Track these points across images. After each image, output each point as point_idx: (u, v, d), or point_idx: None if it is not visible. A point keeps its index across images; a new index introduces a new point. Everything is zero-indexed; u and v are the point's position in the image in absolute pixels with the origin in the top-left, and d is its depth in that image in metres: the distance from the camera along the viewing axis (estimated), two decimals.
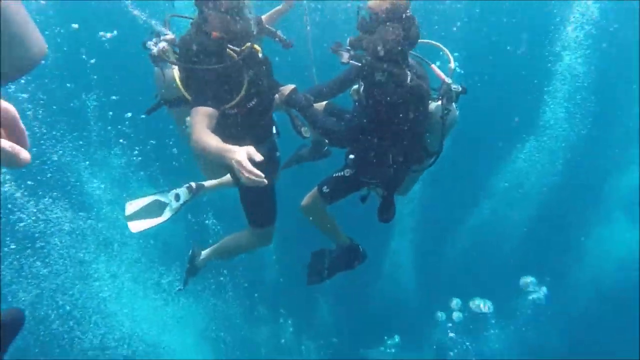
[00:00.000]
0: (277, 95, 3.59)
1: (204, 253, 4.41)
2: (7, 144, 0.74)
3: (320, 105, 3.98)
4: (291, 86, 3.60)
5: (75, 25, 7.06)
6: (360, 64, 3.33)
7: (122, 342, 7.60)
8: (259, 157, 2.57)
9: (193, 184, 4.37)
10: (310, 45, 3.88)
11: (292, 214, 4.21)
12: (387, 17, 3.20)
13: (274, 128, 3.81)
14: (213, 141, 2.86)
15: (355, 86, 3.67)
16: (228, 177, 4.11)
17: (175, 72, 3.25)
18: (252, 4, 3.28)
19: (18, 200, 6.72)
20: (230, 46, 3.13)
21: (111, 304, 7.55)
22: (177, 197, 4.31)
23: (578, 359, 8.43)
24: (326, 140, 4.06)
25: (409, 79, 3.25)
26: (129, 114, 7.19)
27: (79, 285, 7.24)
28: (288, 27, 3.90)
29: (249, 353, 8.89)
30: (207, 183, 4.44)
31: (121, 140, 7.81)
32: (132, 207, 4.18)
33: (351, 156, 3.76)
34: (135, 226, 4.11)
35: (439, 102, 3.50)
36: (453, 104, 3.52)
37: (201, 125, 2.98)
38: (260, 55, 3.34)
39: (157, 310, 8.05)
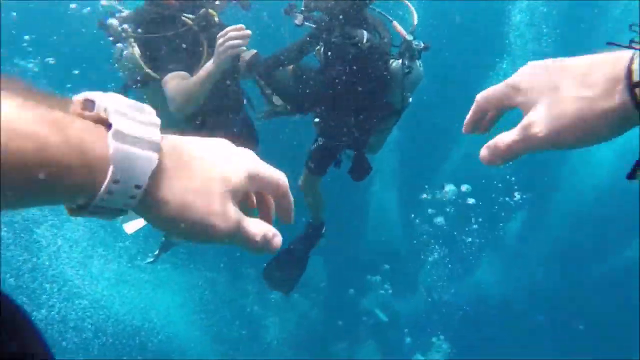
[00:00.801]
0: (240, 61, 3.48)
1: None
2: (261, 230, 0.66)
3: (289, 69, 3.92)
4: (253, 51, 3.49)
5: None
6: (314, 26, 3.29)
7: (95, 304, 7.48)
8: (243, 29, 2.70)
9: None
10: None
11: None
12: None
13: (245, 99, 3.78)
14: (190, 79, 2.91)
15: (318, 47, 3.62)
16: None
17: (135, 50, 3.15)
18: None
19: None
20: (185, 14, 3.11)
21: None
22: None
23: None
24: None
25: (365, 38, 3.20)
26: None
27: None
28: None
29: (236, 310, 8.91)
30: None
31: None
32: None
33: (316, 119, 3.78)
34: (129, 227, 3.99)
35: (400, 60, 3.45)
36: (416, 61, 3.46)
37: (176, 82, 2.97)
38: (216, 19, 3.25)
39: (132, 273, 7.93)
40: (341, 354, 9.05)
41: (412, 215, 8.78)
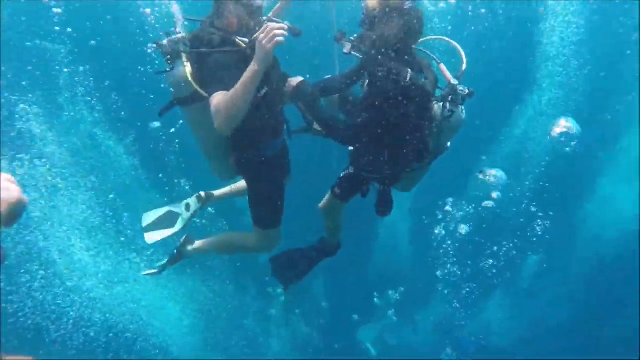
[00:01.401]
0: (286, 86, 3.60)
1: (198, 242, 4.31)
2: None
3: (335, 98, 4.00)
4: (299, 78, 3.62)
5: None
6: (361, 56, 3.37)
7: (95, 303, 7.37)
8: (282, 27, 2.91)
9: (202, 193, 4.42)
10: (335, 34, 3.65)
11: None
12: (384, 14, 3.28)
13: (285, 126, 3.83)
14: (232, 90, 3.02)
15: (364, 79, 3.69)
16: (238, 185, 4.38)
17: (187, 68, 3.28)
18: (264, 5, 3.42)
19: None
20: (239, 37, 3.21)
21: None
22: (188, 206, 4.38)
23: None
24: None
25: (408, 76, 3.24)
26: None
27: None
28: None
29: (234, 323, 8.90)
30: (217, 192, 4.51)
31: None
32: (148, 218, 4.34)
33: (350, 148, 3.85)
34: (151, 237, 4.25)
35: (442, 103, 3.50)
36: (459, 106, 3.49)
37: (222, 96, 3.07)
38: None
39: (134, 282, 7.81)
40: None
41: (424, 241, 8.59)
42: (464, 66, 3.53)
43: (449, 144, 3.72)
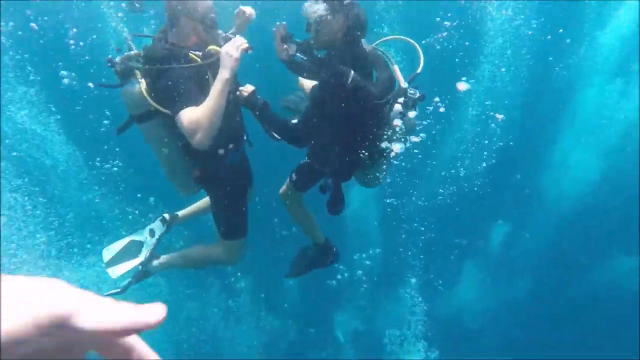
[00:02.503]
0: (237, 94, 3.66)
1: (163, 257, 4.28)
2: None
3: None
4: (251, 88, 3.68)
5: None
6: (304, 58, 3.49)
7: None
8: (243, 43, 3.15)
9: (166, 215, 4.40)
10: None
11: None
12: (326, 14, 3.32)
13: (245, 135, 3.93)
14: (205, 101, 3.13)
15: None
16: (201, 203, 4.47)
17: (142, 84, 3.29)
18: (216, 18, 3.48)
19: None
20: (192, 51, 3.29)
21: None
22: (152, 232, 4.31)
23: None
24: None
25: (350, 78, 3.27)
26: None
27: None
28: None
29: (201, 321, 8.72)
30: (181, 212, 4.50)
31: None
32: (108, 253, 4.20)
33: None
34: (115, 271, 4.14)
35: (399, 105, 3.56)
36: (412, 109, 3.53)
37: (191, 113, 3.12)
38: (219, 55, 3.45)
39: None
40: None
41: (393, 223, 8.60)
42: (420, 68, 3.52)
43: (406, 143, 3.74)
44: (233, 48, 3.11)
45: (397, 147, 3.71)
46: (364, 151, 3.73)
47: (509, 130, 8.39)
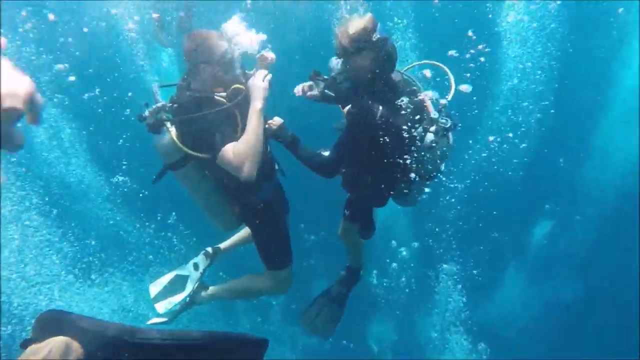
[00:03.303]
0: (266, 127, 3.69)
1: (212, 289, 4.41)
2: None
3: None
4: (279, 121, 3.77)
5: None
6: (333, 95, 3.53)
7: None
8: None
9: (209, 249, 4.53)
10: None
11: None
12: (353, 47, 3.28)
13: (276, 165, 4.07)
14: (244, 134, 3.31)
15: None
16: (241, 234, 4.59)
17: (173, 133, 3.45)
18: (239, 58, 3.57)
19: None
20: (217, 94, 3.44)
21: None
22: (196, 266, 4.40)
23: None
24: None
25: (378, 114, 3.36)
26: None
27: None
28: None
29: None
30: (223, 245, 4.63)
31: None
32: (155, 288, 4.32)
33: (342, 170, 4.05)
34: (162, 306, 4.23)
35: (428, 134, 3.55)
36: (446, 136, 3.51)
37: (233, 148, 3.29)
38: (244, 92, 3.58)
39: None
40: None
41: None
42: (451, 95, 3.53)
43: (441, 167, 3.76)
44: (259, 79, 3.37)
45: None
46: (397, 181, 3.81)
47: (546, 120, 8.14)
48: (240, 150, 3.22)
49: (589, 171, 9.15)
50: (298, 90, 3.67)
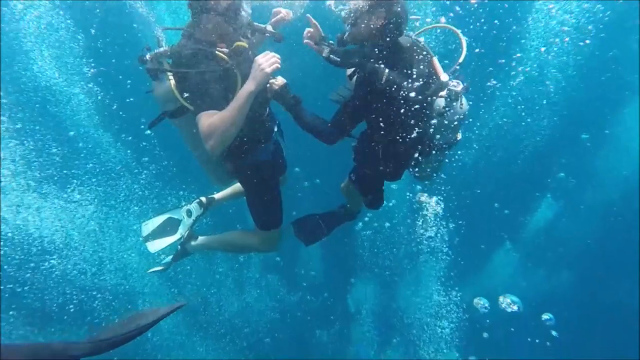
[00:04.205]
0: (267, 86, 3.62)
1: (201, 239, 4.46)
2: None
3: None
4: (282, 81, 3.66)
5: None
6: (338, 60, 3.45)
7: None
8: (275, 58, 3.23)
9: (203, 198, 4.58)
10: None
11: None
12: (365, 9, 3.25)
13: (275, 126, 4.02)
14: (228, 107, 3.19)
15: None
16: (237, 186, 4.59)
17: (172, 82, 3.43)
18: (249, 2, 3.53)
19: None
20: (219, 48, 3.34)
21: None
22: (189, 212, 4.48)
23: None
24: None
25: (384, 77, 3.29)
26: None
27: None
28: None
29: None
30: (217, 195, 4.68)
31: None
32: (147, 227, 4.39)
33: (353, 144, 4.05)
34: (153, 246, 4.32)
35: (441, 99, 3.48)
36: (457, 101, 3.40)
37: (209, 119, 3.21)
38: (250, 53, 3.55)
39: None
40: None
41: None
42: (462, 58, 3.43)
43: (458, 136, 3.71)
44: (267, 63, 3.19)
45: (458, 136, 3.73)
46: (408, 148, 3.70)
47: (563, 106, 8.04)
48: (213, 124, 3.12)
49: (602, 162, 9.02)
50: (308, 39, 3.50)
